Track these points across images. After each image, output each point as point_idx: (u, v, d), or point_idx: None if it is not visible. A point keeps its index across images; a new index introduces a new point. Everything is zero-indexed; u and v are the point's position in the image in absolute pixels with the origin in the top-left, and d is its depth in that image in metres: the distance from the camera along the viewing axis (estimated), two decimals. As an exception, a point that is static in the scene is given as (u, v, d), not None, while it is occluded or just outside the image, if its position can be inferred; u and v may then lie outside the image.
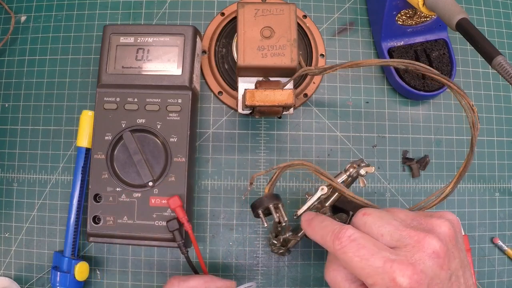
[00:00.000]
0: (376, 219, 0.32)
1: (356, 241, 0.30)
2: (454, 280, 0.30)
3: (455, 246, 0.31)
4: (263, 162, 0.49)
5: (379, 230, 0.31)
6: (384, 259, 0.29)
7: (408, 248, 0.29)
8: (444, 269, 0.29)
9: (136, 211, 0.42)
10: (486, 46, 0.36)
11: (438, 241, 0.30)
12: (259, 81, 0.43)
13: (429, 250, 0.29)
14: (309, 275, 0.47)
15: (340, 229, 0.31)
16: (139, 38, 0.44)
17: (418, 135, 0.50)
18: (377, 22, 0.49)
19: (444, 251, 0.30)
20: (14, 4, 0.52)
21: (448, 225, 0.31)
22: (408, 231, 0.30)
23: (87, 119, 0.45)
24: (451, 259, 0.30)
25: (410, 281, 0.28)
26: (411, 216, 0.33)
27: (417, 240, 0.30)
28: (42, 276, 0.47)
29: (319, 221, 0.34)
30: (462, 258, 0.31)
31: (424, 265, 0.29)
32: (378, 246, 0.30)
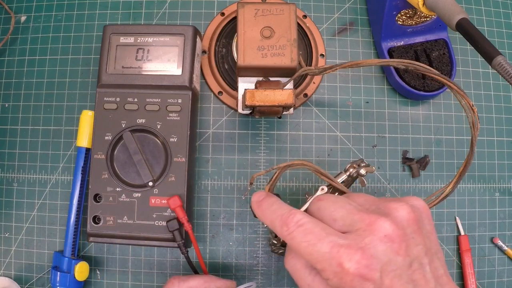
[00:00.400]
0: (330, 204, 0.30)
1: (303, 226, 0.29)
2: (416, 268, 0.28)
3: (416, 232, 0.29)
4: (263, 162, 0.49)
5: (332, 215, 0.30)
6: (331, 244, 0.27)
7: (359, 232, 0.28)
8: (401, 254, 0.27)
9: (136, 211, 0.42)
10: (486, 46, 0.36)
11: (392, 224, 0.28)
12: (259, 81, 0.43)
13: (380, 234, 0.27)
14: None
15: (289, 214, 0.30)
16: (139, 38, 0.44)
17: (418, 135, 0.50)
18: (377, 22, 0.49)
19: (398, 235, 0.28)
20: (14, 4, 0.52)
21: (407, 208, 0.29)
22: (360, 215, 0.29)
23: (87, 119, 0.45)
24: (411, 245, 0.28)
25: (358, 266, 0.26)
26: (370, 201, 0.31)
27: (369, 223, 0.28)
28: (42, 276, 0.47)
29: (269, 204, 0.33)
30: (428, 246, 0.29)
31: (375, 250, 0.27)
32: (327, 231, 0.28)
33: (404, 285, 0.27)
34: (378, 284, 0.27)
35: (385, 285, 0.27)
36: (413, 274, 0.27)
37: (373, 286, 0.27)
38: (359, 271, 0.26)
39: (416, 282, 0.27)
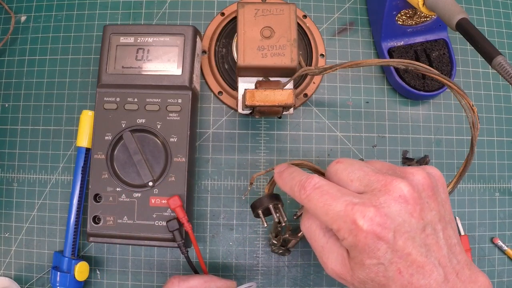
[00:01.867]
0: (347, 166, 0.31)
1: (320, 188, 0.29)
2: (429, 232, 0.28)
3: (431, 197, 0.29)
4: (263, 162, 0.49)
5: (349, 176, 0.30)
6: (346, 203, 0.28)
7: (374, 192, 0.28)
8: (415, 217, 0.27)
9: (136, 211, 0.42)
10: (486, 46, 0.36)
11: (407, 185, 0.28)
12: (259, 81, 0.43)
13: (395, 194, 0.27)
14: (309, 275, 0.47)
15: (307, 178, 0.31)
16: (139, 38, 0.44)
17: (418, 135, 0.50)
18: (377, 22, 0.49)
19: (413, 197, 0.28)
20: (14, 4, 0.52)
21: (423, 174, 0.29)
22: (377, 176, 0.29)
23: (87, 119, 0.45)
24: (425, 209, 0.28)
25: (371, 223, 0.26)
26: (387, 166, 0.32)
27: (384, 184, 0.28)
28: (42, 276, 0.47)
29: (289, 173, 0.33)
30: (442, 213, 0.29)
31: (389, 209, 0.27)
32: (342, 191, 0.29)
33: (417, 248, 0.27)
34: (391, 244, 0.27)
35: (398, 245, 0.27)
36: (427, 238, 0.28)
37: (386, 246, 0.27)
38: (373, 229, 0.27)
39: (429, 247, 0.27)
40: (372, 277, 0.28)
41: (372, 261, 0.27)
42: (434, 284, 0.27)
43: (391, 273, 0.27)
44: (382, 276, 0.27)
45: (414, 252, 0.27)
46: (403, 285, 0.27)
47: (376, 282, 0.28)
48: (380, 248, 0.27)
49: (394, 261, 0.27)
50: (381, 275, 0.27)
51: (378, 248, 0.27)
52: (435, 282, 0.27)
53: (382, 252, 0.27)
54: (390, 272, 0.27)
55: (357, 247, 0.27)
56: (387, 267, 0.27)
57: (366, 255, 0.27)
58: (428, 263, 0.27)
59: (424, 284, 0.27)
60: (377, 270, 0.27)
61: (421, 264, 0.27)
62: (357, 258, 0.28)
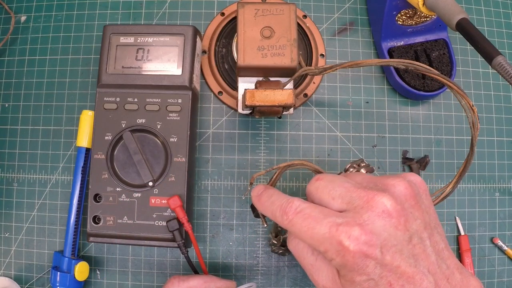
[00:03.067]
0: (327, 183, 0.30)
1: (302, 212, 0.29)
2: (416, 242, 0.28)
3: (414, 206, 0.29)
4: (263, 162, 0.49)
5: (330, 194, 0.30)
6: (329, 224, 0.27)
7: (357, 209, 0.28)
8: (400, 229, 0.27)
9: (136, 211, 0.42)
10: (486, 46, 0.36)
11: (390, 199, 0.28)
12: (259, 81, 0.43)
13: (378, 209, 0.27)
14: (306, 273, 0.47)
15: (287, 203, 0.30)
16: (139, 38, 0.44)
17: (418, 135, 0.50)
18: (377, 22, 0.49)
19: (397, 210, 0.27)
20: (14, 4, 0.52)
21: (404, 184, 0.29)
22: (358, 192, 0.29)
23: (87, 119, 0.45)
24: (410, 220, 0.28)
25: (357, 243, 0.26)
26: (368, 178, 0.31)
27: (366, 200, 0.28)
28: (42, 276, 0.47)
29: (268, 196, 0.33)
30: (427, 220, 0.29)
31: (374, 225, 0.27)
32: (324, 212, 0.28)
33: (405, 260, 0.27)
34: (379, 260, 0.27)
35: (386, 260, 0.27)
36: (414, 248, 0.27)
37: (374, 262, 0.27)
38: (359, 248, 0.26)
39: (417, 257, 0.27)
40: None
41: (362, 278, 0.27)
42: None
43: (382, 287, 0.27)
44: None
45: (403, 264, 0.27)
46: None
47: None
48: (369, 265, 0.27)
49: (384, 275, 0.27)
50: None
51: (367, 265, 0.27)
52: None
53: (371, 268, 0.27)
54: (381, 286, 0.27)
55: (346, 266, 0.27)
56: (378, 281, 0.27)
57: (355, 273, 0.27)
58: (418, 273, 0.27)
59: None
60: (368, 285, 0.27)
61: (411, 274, 0.27)
62: (347, 276, 0.28)
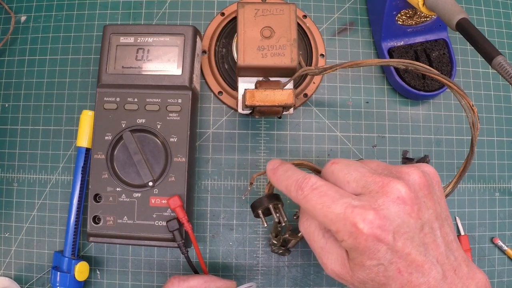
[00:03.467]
0: (343, 167, 0.31)
1: (318, 189, 0.29)
2: (427, 232, 0.28)
3: (427, 196, 0.29)
4: (263, 162, 0.49)
5: (345, 177, 0.30)
6: (345, 205, 0.28)
7: (372, 194, 0.28)
8: (413, 217, 0.28)
9: (136, 211, 0.42)
10: (486, 46, 0.36)
11: (404, 186, 0.28)
12: (259, 81, 0.43)
13: (393, 195, 0.28)
14: (309, 275, 0.47)
15: (303, 178, 0.30)
16: (139, 38, 0.44)
17: (418, 135, 0.50)
18: (377, 22, 0.49)
19: (410, 198, 0.28)
20: (14, 4, 0.52)
21: (419, 173, 0.30)
22: (374, 177, 0.29)
23: (87, 119, 0.45)
24: (423, 208, 0.28)
25: (371, 226, 0.27)
26: (382, 166, 0.31)
27: (382, 186, 0.28)
28: (42, 276, 0.47)
29: (284, 170, 0.33)
30: (439, 211, 0.29)
31: (388, 211, 0.27)
32: (340, 193, 0.29)
33: (416, 248, 0.27)
34: (391, 245, 0.27)
35: (397, 246, 0.27)
36: (425, 237, 0.28)
37: (386, 247, 0.27)
38: (373, 231, 0.27)
39: (427, 246, 0.28)
40: (372, 277, 0.28)
41: (372, 262, 0.27)
42: (432, 282, 0.27)
43: (391, 273, 0.27)
44: (382, 276, 0.27)
45: (413, 252, 0.27)
46: (403, 284, 0.27)
47: (376, 281, 0.28)
48: (380, 250, 0.27)
49: (394, 261, 0.27)
50: (381, 275, 0.27)
51: (378, 249, 0.27)
52: (434, 279, 0.27)
53: (382, 253, 0.27)
54: (390, 272, 0.27)
55: (357, 249, 0.27)
56: (387, 267, 0.27)
57: (366, 256, 0.27)
58: (427, 262, 0.27)
59: (423, 282, 0.27)
60: (377, 271, 0.27)
61: (420, 263, 0.27)
62: (357, 259, 0.28)
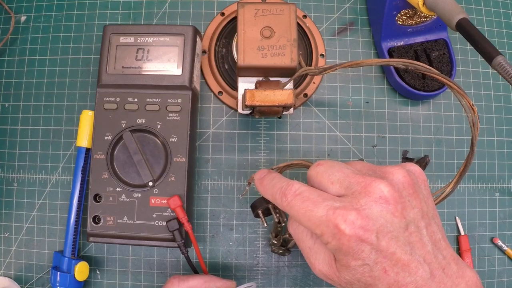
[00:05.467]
0: (327, 168, 0.31)
1: (301, 195, 0.29)
2: (413, 231, 0.28)
3: (412, 195, 0.29)
4: (263, 162, 0.49)
5: (329, 178, 0.30)
6: (327, 208, 0.28)
7: (355, 195, 0.28)
8: (397, 216, 0.27)
9: (136, 211, 0.42)
10: (486, 46, 0.36)
11: (387, 186, 0.28)
12: (259, 81, 0.43)
13: (375, 195, 0.27)
14: (309, 275, 0.47)
15: (287, 185, 0.31)
16: (139, 38, 0.44)
17: (418, 135, 0.50)
18: (377, 22, 0.49)
19: (394, 197, 0.28)
20: (14, 4, 0.52)
21: (403, 172, 0.29)
22: (357, 178, 0.29)
23: (87, 119, 0.45)
24: (407, 207, 0.28)
25: (353, 227, 0.26)
26: (367, 167, 0.31)
27: (364, 186, 0.28)
28: (42, 276, 0.47)
29: (270, 179, 0.33)
30: (425, 210, 0.29)
31: (370, 210, 0.27)
32: (323, 196, 0.29)
33: (401, 247, 0.27)
34: (375, 245, 0.27)
35: (381, 246, 0.27)
36: (410, 236, 0.28)
37: (370, 247, 0.27)
38: (355, 232, 0.27)
39: (413, 245, 0.28)
40: (359, 278, 0.28)
41: (357, 263, 0.27)
42: (420, 281, 0.27)
43: (377, 273, 0.27)
44: (368, 276, 0.27)
45: (398, 251, 0.27)
46: (390, 284, 0.27)
47: (362, 282, 0.28)
48: (364, 250, 0.27)
49: (379, 261, 0.27)
50: (367, 275, 0.27)
51: (362, 250, 0.27)
52: (421, 279, 0.27)
53: (367, 254, 0.27)
54: (376, 272, 0.27)
55: (341, 250, 0.27)
56: (372, 267, 0.27)
57: (350, 257, 0.27)
58: (413, 261, 0.27)
59: (410, 282, 0.27)
60: (363, 271, 0.27)
61: (406, 262, 0.27)
62: (342, 260, 0.28)
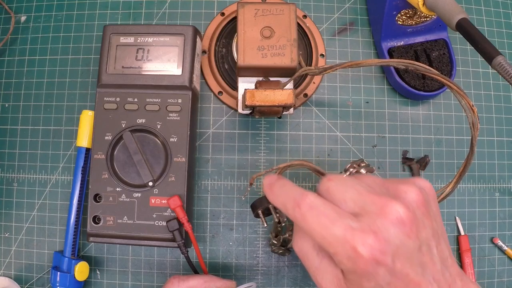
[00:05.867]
0: (339, 185, 0.30)
1: (317, 208, 0.28)
2: (425, 251, 0.28)
3: (425, 214, 0.29)
4: (263, 162, 0.49)
5: (342, 196, 0.29)
6: (345, 227, 0.27)
7: (371, 215, 0.27)
8: (412, 238, 0.27)
9: (136, 211, 0.42)
10: (486, 46, 0.36)
11: (403, 207, 0.27)
12: (259, 81, 0.43)
13: (392, 217, 0.27)
14: (309, 275, 0.47)
15: (301, 195, 0.29)
16: (139, 38, 0.44)
17: (418, 135, 0.50)
18: (377, 22, 0.49)
19: (410, 218, 0.27)
20: (14, 4, 0.52)
21: (416, 191, 0.29)
22: (372, 197, 0.28)
23: (87, 119, 0.45)
24: (420, 228, 0.28)
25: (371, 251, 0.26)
26: (378, 182, 0.31)
27: (381, 207, 0.28)
28: (42, 276, 0.47)
29: (280, 185, 0.32)
30: (435, 228, 0.29)
31: (388, 233, 0.27)
32: (340, 213, 0.28)
33: (414, 268, 0.27)
34: (390, 268, 0.27)
35: (396, 268, 0.27)
36: (422, 257, 0.28)
37: (385, 270, 0.27)
38: (373, 256, 0.26)
39: (425, 265, 0.28)
40: None
41: (370, 284, 0.27)
42: None
43: None
44: None
45: (411, 272, 0.27)
46: None
47: None
48: (379, 272, 0.27)
49: (392, 282, 0.27)
50: None
51: (377, 272, 0.27)
52: None
53: (381, 276, 0.27)
54: None
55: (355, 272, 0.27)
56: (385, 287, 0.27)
57: (364, 279, 0.27)
58: (424, 281, 0.27)
59: None
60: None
61: (418, 282, 0.27)
62: (355, 281, 0.28)
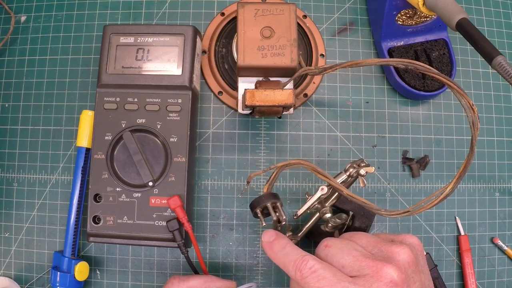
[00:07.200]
0: (337, 251, 0.33)
1: (317, 272, 0.31)
2: None
3: (415, 271, 0.32)
4: (263, 162, 0.49)
5: (340, 262, 0.32)
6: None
7: (367, 278, 0.31)
8: None
9: (136, 211, 0.42)
10: (486, 46, 0.36)
11: (396, 270, 0.31)
12: (259, 81, 0.43)
13: (386, 280, 0.30)
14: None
15: (302, 260, 0.32)
16: (139, 38, 0.44)
17: (418, 135, 0.50)
18: (377, 22, 0.49)
19: (402, 279, 0.31)
20: (14, 4, 0.52)
21: (407, 251, 0.32)
22: (367, 262, 0.31)
23: (87, 119, 0.45)
24: (411, 284, 0.31)
25: None
26: (372, 243, 0.34)
27: (375, 270, 0.31)
28: (42, 276, 0.47)
29: (281, 247, 0.35)
30: (423, 280, 0.33)
31: None
32: (338, 276, 0.31)
33: None
34: None
35: None
36: None
37: None
38: None
39: None
40: None
41: None
42: None
43: None
44: None
45: None
46: None
47: None
48: None
49: None
50: None
51: None
52: None
53: None
54: None
55: None
56: None
57: None
58: None
59: None
60: None
61: None
62: None
